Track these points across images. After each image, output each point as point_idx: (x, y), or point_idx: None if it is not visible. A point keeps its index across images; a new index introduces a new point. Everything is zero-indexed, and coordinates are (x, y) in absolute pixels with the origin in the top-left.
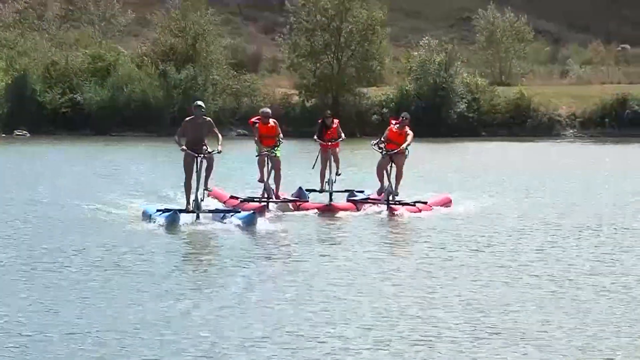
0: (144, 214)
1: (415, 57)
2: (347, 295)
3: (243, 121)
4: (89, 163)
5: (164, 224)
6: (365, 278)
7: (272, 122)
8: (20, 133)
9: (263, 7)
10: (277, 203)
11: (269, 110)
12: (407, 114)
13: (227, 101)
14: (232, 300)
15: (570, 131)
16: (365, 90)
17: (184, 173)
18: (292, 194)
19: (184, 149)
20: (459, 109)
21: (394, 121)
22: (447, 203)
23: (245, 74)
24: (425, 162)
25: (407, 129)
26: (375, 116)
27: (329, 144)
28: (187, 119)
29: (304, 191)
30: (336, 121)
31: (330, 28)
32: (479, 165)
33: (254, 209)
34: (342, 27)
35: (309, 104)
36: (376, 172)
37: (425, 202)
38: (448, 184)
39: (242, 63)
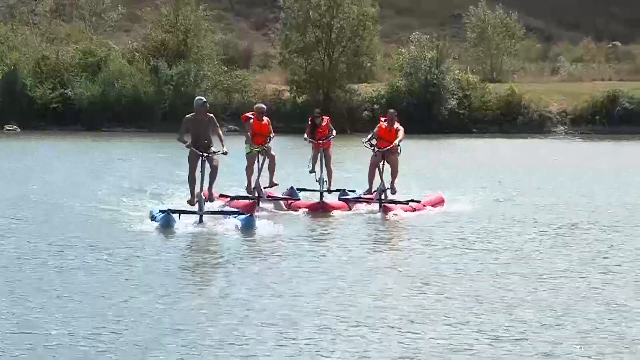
0: (150, 214)
1: (405, 53)
2: (343, 296)
3: (234, 117)
4: (79, 158)
5: (158, 226)
6: (361, 278)
7: (265, 119)
8: (10, 128)
9: (254, 3)
10: (267, 201)
11: (264, 106)
12: (393, 110)
13: (218, 97)
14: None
15: (561, 128)
16: (356, 86)
17: (189, 167)
18: (282, 193)
19: (189, 145)
20: (449, 106)
21: (383, 118)
22: (440, 202)
23: (237, 69)
24: (416, 159)
25: (397, 124)
26: (366, 112)
27: (320, 142)
28: (188, 116)
29: (295, 190)
30: (326, 118)
31: (322, 24)
32: (470, 162)
33: (245, 207)
34: (333, 23)
35: (300, 100)
36: (368, 172)
37: (418, 201)
38: (439, 181)
39: (234, 59)
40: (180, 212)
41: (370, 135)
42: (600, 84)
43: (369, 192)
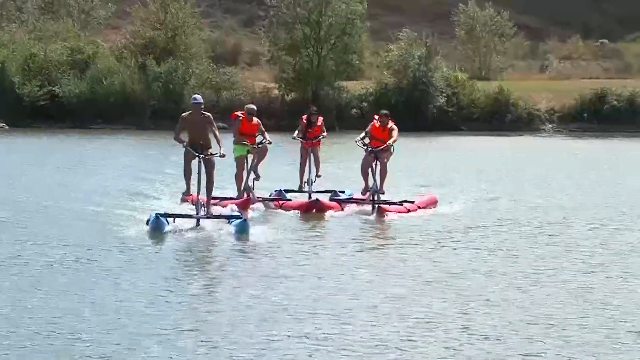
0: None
1: (394, 50)
2: (338, 300)
3: (223, 114)
4: (65, 156)
5: (148, 231)
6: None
7: (255, 120)
8: None
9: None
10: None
11: (254, 107)
12: (386, 112)
13: (206, 94)
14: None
15: (550, 126)
16: (344, 84)
17: (184, 162)
18: (269, 195)
19: (186, 144)
20: (438, 104)
21: (377, 116)
22: (434, 203)
23: (225, 67)
24: (405, 157)
25: (392, 124)
26: (354, 110)
27: (312, 142)
28: (184, 114)
29: (284, 192)
30: (321, 118)
31: (310, 22)
32: (460, 161)
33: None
34: (321, 20)
35: (288, 98)
36: (361, 171)
37: (412, 202)
38: (430, 181)
39: (222, 56)
40: (175, 216)
41: (363, 134)
42: (589, 81)
43: (365, 190)
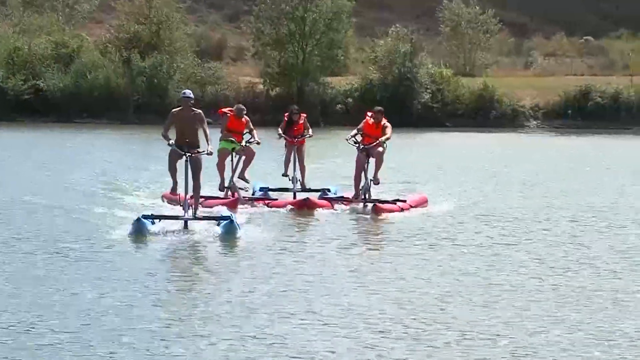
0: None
1: (381, 45)
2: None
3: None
4: (48, 151)
5: (130, 233)
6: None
7: (244, 118)
8: None
9: None
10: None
11: (244, 109)
12: (380, 108)
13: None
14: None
15: (534, 122)
16: (329, 79)
17: (168, 161)
18: (253, 193)
19: (172, 143)
20: (423, 100)
21: (370, 113)
22: (424, 202)
23: (210, 62)
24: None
25: (385, 121)
26: (339, 106)
27: (295, 140)
28: (174, 110)
29: (268, 193)
30: (303, 116)
31: (295, 17)
32: (445, 157)
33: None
34: (306, 16)
35: (273, 93)
36: (354, 175)
37: (404, 201)
38: (417, 178)
39: (207, 51)
40: (161, 218)
41: (355, 132)
42: (573, 78)
43: (355, 197)
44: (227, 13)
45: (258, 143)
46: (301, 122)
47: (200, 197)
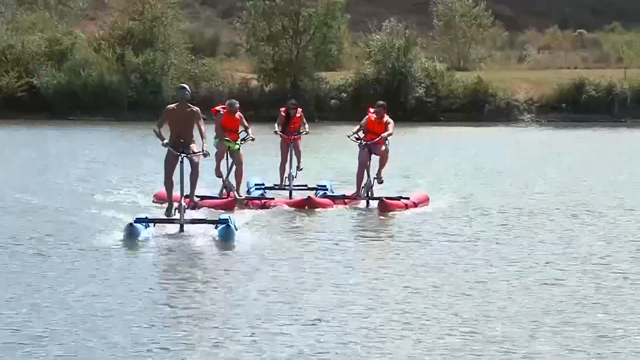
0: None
1: (376, 40)
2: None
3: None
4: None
5: (124, 237)
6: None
7: (238, 114)
8: None
9: None
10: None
11: (237, 103)
12: (382, 102)
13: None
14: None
15: (528, 116)
16: (323, 74)
17: (165, 170)
18: (247, 190)
19: (167, 143)
20: (417, 94)
21: (372, 109)
22: (426, 200)
23: (204, 58)
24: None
25: (387, 117)
26: (333, 100)
27: (292, 137)
28: (168, 106)
29: (264, 191)
30: (300, 110)
31: (289, 12)
32: (441, 152)
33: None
34: (300, 11)
35: (267, 88)
36: (357, 173)
37: (407, 198)
38: (415, 174)
39: (200, 47)
40: (156, 222)
41: (357, 128)
42: (567, 71)
43: (357, 195)
44: (221, 9)
45: (253, 139)
46: (298, 116)
47: (196, 196)
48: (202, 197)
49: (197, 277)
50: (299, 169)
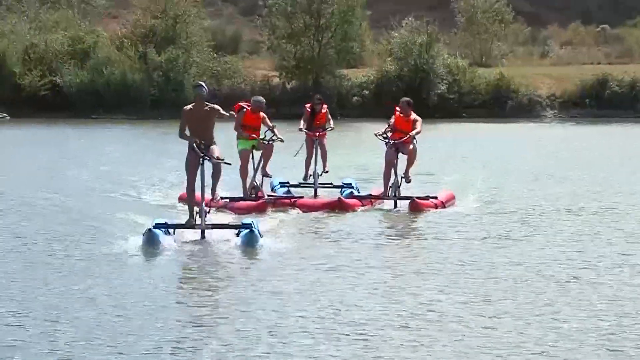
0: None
1: (397, 37)
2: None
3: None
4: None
5: (142, 244)
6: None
7: (261, 114)
8: None
9: None
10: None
11: (263, 101)
12: (407, 99)
13: (207, 83)
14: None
15: (551, 112)
16: (345, 71)
17: (187, 175)
18: (272, 189)
19: (194, 146)
20: (439, 91)
21: (399, 108)
22: (453, 199)
23: (225, 55)
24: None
25: (414, 114)
26: (355, 98)
27: (317, 133)
28: (185, 107)
29: (289, 189)
30: (325, 107)
31: (310, 10)
32: (464, 149)
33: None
34: (322, 9)
35: (289, 86)
36: (383, 173)
37: (435, 197)
38: (438, 171)
39: (222, 45)
40: (175, 227)
41: (386, 127)
42: (590, 67)
43: (384, 195)
44: (243, 7)
45: (282, 141)
46: (323, 111)
47: (225, 198)
48: (231, 199)
49: (217, 285)
50: (325, 171)
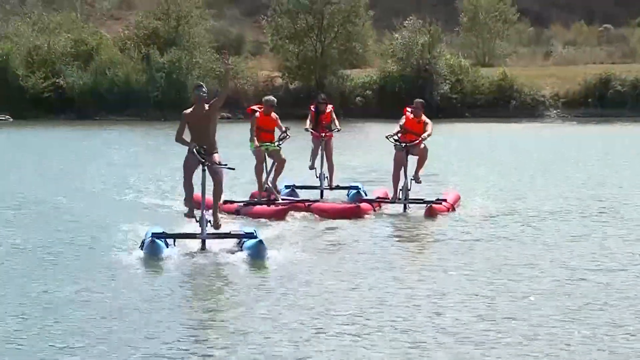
0: (145, 236)
1: (398, 38)
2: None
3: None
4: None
5: (144, 255)
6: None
7: (274, 115)
8: (2, 118)
9: None
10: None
11: (274, 99)
12: (420, 100)
13: (210, 84)
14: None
15: (554, 112)
16: (348, 72)
17: (184, 173)
18: (279, 192)
19: (193, 146)
20: (442, 91)
21: (410, 109)
22: (458, 200)
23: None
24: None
25: (424, 116)
26: (358, 98)
27: (323, 134)
28: (185, 111)
29: (295, 190)
30: (330, 107)
31: (313, 10)
32: (467, 149)
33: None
34: (324, 9)
35: (292, 86)
36: (392, 175)
37: (445, 200)
38: (444, 172)
39: (225, 46)
40: (175, 237)
41: (396, 129)
42: (593, 67)
43: (394, 198)
44: (246, 8)
45: (288, 137)
46: (328, 111)
47: (241, 202)
48: (247, 203)
49: (218, 307)
50: (330, 187)
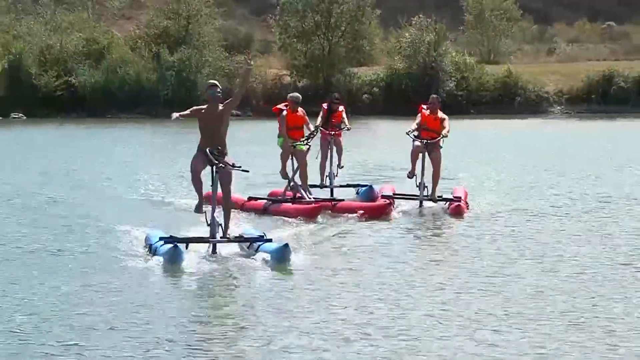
0: (146, 241)
1: (406, 36)
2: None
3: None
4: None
5: (162, 262)
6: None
7: (300, 110)
8: (16, 116)
9: None
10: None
11: (299, 96)
12: (436, 96)
13: (219, 82)
14: None
15: (558, 108)
16: (355, 70)
17: (192, 172)
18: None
19: (207, 151)
20: (448, 88)
21: (425, 105)
22: (466, 197)
23: (237, 55)
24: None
25: (441, 113)
26: (365, 95)
27: (332, 132)
28: (196, 108)
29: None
30: (341, 107)
31: (321, 9)
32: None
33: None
34: (332, 8)
35: (300, 84)
36: (411, 158)
37: (459, 198)
38: (451, 169)
39: (234, 45)
40: (187, 241)
41: (414, 126)
42: (596, 63)
43: (412, 174)
44: (254, 7)
45: (315, 134)
46: (340, 110)
47: (268, 199)
48: (273, 201)
49: (230, 316)
50: (339, 166)
